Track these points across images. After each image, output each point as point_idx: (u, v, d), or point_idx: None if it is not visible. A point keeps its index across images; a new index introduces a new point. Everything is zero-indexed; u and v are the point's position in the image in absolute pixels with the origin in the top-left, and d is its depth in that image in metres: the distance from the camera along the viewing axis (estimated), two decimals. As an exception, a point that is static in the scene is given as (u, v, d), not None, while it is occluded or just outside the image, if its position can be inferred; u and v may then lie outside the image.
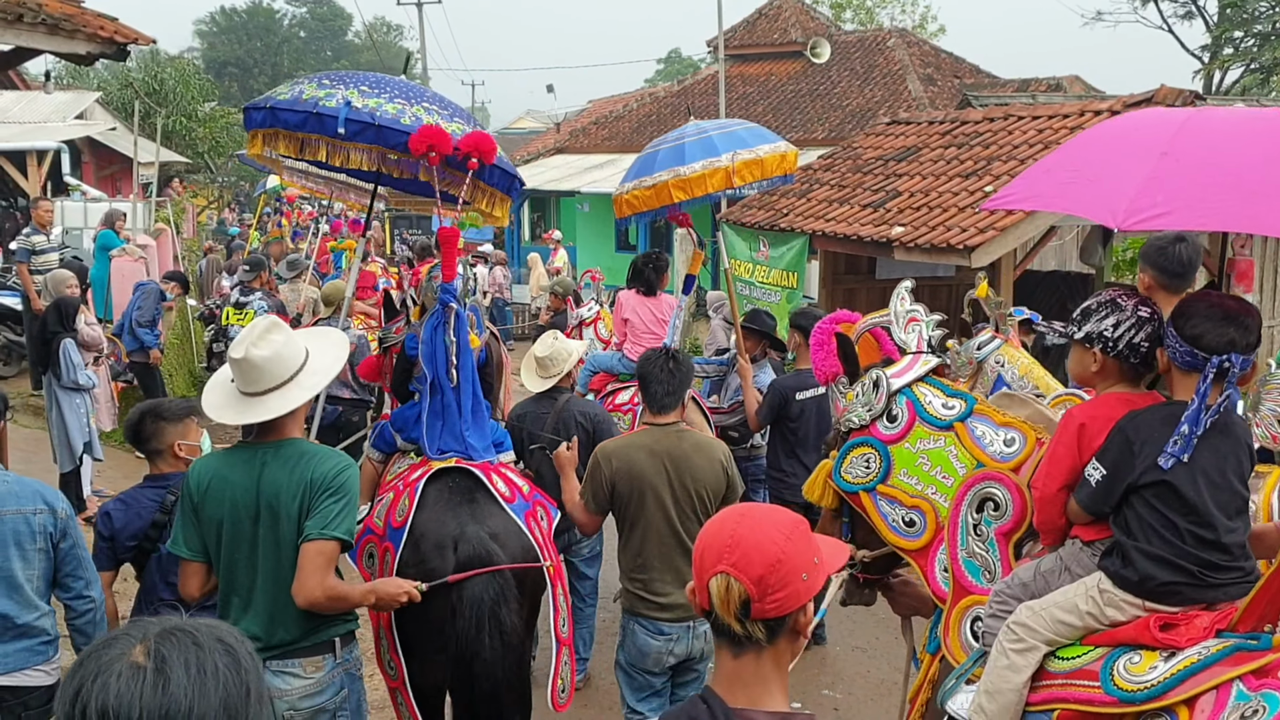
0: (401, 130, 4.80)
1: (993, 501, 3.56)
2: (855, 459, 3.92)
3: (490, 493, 4.53)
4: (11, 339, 12.78)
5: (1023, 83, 22.40)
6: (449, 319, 4.77)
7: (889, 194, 12.16)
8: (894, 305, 4.06)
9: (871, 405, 3.88)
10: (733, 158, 6.50)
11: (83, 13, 7.02)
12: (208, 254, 20.59)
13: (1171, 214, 2.81)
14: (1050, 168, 3.44)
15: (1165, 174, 2.86)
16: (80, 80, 32.05)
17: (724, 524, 1.94)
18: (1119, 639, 2.99)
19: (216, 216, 32.43)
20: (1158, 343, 3.12)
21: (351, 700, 3.71)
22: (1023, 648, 3.10)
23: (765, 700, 1.90)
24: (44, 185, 18.50)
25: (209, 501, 3.50)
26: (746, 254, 14.00)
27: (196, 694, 1.42)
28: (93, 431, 8.70)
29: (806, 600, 1.90)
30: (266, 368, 3.48)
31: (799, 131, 23.51)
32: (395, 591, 3.78)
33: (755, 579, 1.86)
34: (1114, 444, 3.06)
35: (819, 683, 6.55)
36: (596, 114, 35.04)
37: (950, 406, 3.77)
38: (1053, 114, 12.03)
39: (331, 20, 69.88)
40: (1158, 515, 2.96)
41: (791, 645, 1.93)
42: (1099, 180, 3.09)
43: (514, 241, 27.94)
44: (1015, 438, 3.62)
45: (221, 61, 62.18)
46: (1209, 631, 2.85)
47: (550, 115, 44.93)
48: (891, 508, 3.83)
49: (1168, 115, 3.20)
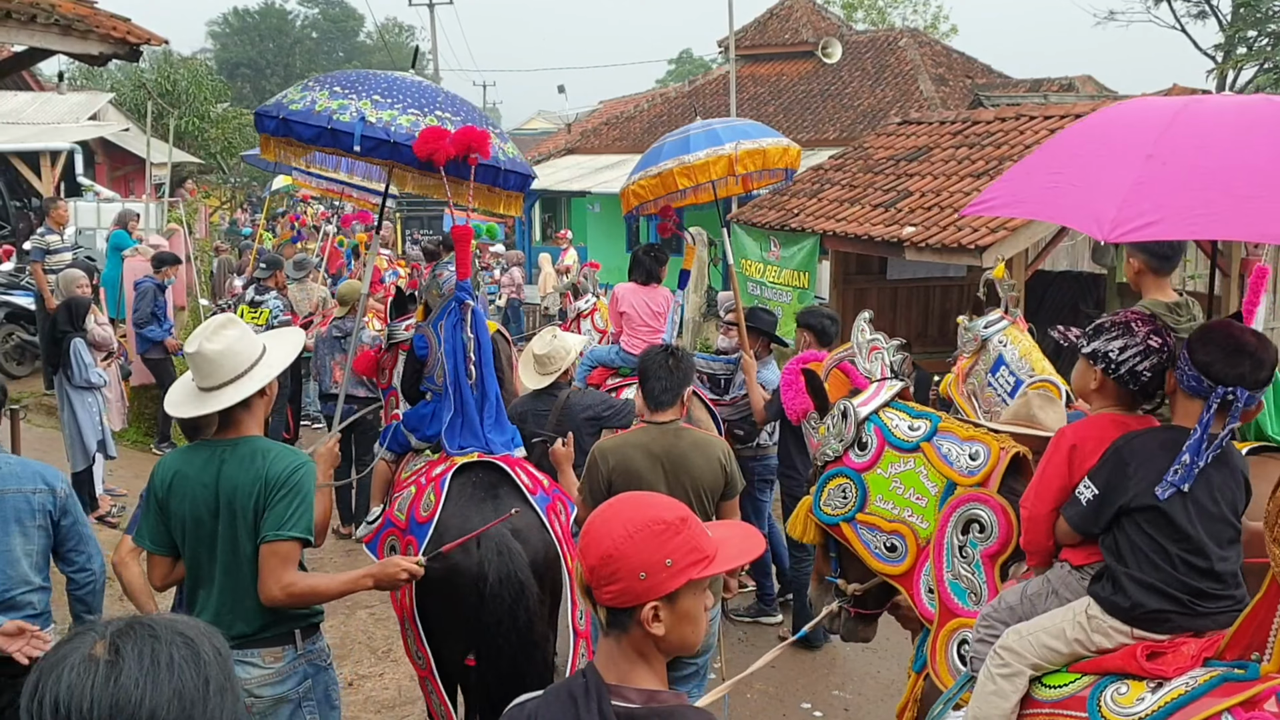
0: None
1: (978, 523, 3.56)
2: (832, 491, 3.96)
3: (515, 486, 4.56)
4: (25, 339, 12.84)
5: (1035, 83, 22.34)
6: (466, 316, 4.77)
7: (900, 194, 12.14)
8: (855, 336, 4.15)
9: (843, 435, 3.92)
10: (735, 146, 6.70)
11: (96, 14, 7.04)
12: (219, 254, 20.66)
13: (1160, 223, 2.72)
14: (1031, 170, 3.33)
15: (1151, 179, 2.76)
16: (93, 81, 32.18)
17: (598, 510, 2.03)
18: (1106, 667, 2.95)
19: (228, 217, 32.50)
20: (1161, 373, 3.09)
21: (318, 690, 3.74)
22: (1008, 672, 3.08)
23: (634, 679, 1.96)
24: (57, 186, 18.59)
25: (173, 497, 3.57)
26: (757, 254, 13.99)
27: (149, 685, 1.42)
28: (105, 430, 8.74)
29: (647, 599, 1.92)
30: (219, 361, 3.52)
31: (810, 132, 23.49)
32: (395, 572, 3.77)
33: (589, 568, 1.95)
34: (1108, 464, 3.03)
35: (829, 683, 6.54)
36: (608, 114, 35.06)
37: (915, 428, 3.81)
38: (1065, 114, 12.00)
39: (344, 21, 70.01)
40: (1149, 541, 2.93)
41: (651, 638, 1.95)
42: (1082, 186, 2.99)
43: (525, 242, 27.96)
44: (979, 450, 3.64)
45: (234, 62, 62.33)
46: (1196, 660, 2.82)
47: (561, 116, 44.93)
48: (873, 535, 3.84)
49: (1152, 111, 3.07)
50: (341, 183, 8.57)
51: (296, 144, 5.06)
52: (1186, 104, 2.98)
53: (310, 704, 3.70)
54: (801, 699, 6.33)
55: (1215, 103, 3.02)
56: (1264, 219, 2.63)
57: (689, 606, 1.97)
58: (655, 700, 1.93)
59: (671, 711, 1.94)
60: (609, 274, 19.09)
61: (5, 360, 12.68)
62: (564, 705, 1.94)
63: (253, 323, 9.93)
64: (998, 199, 3.36)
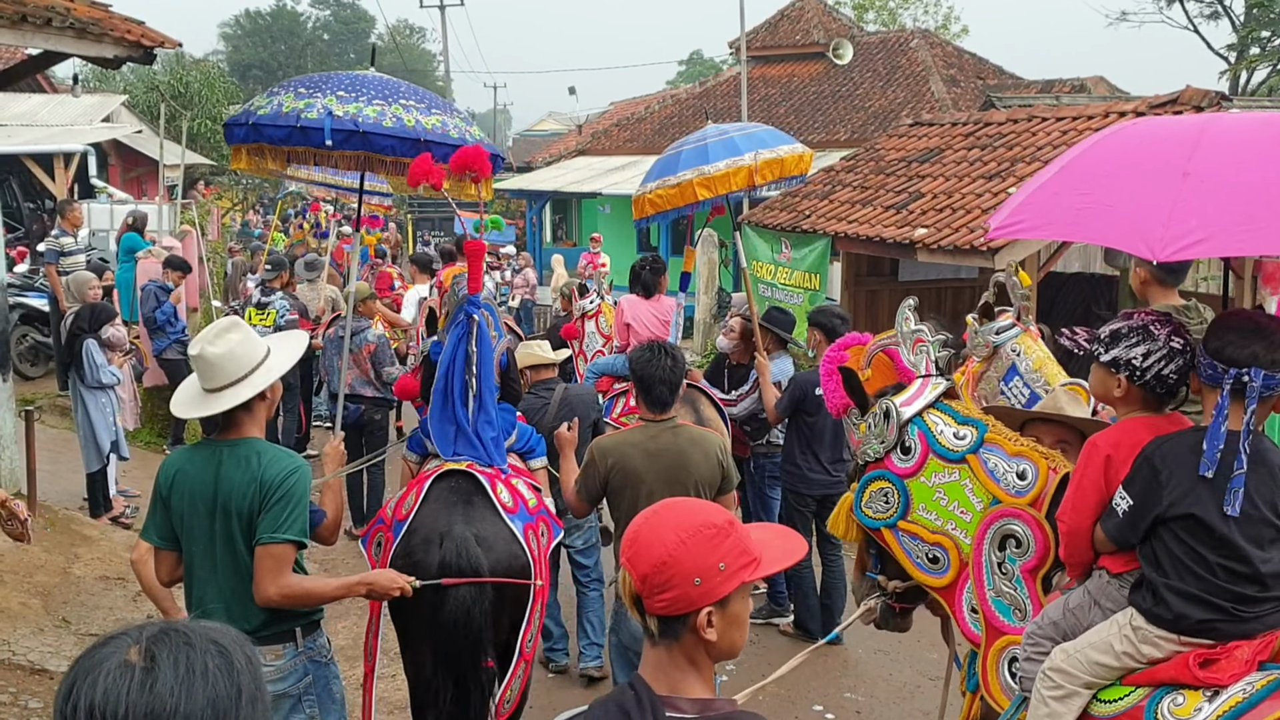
0: (385, 133, 4.95)
1: (1014, 539, 3.50)
2: (874, 493, 3.87)
3: (489, 498, 4.61)
4: (39, 340, 12.89)
5: (1047, 84, 22.29)
6: (472, 330, 4.84)
7: (912, 195, 12.12)
8: (899, 325, 4.03)
9: (884, 437, 3.82)
10: (755, 156, 6.71)
11: (110, 16, 7.07)
12: (233, 256, 20.71)
13: (1211, 239, 2.69)
14: (1058, 191, 3.22)
15: (1193, 196, 2.72)
16: (107, 83, 32.28)
17: (640, 517, 1.99)
18: (1159, 679, 2.91)
19: (240, 219, 32.60)
20: (1186, 374, 3.05)
21: (319, 685, 3.80)
22: (1062, 694, 3.01)
23: (685, 688, 1.92)
24: (71, 187, 18.66)
25: (174, 494, 3.64)
26: (768, 255, 13.99)
27: (184, 693, 1.42)
28: (119, 431, 8.77)
29: (702, 605, 1.89)
30: (221, 364, 3.58)
31: (821, 133, 23.45)
32: (388, 584, 3.90)
33: (640, 576, 1.90)
34: (1140, 474, 2.98)
35: (841, 685, 6.53)
36: (618, 116, 35.05)
37: (962, 436, 3.70)
38: (1077, 115, 11.97)
39: (355, 23, 70.14)
40: (1187, 550, 2.87)
41: (705, 644, 1.93)
42: (1120, 206, 2.92)
43: (535, 244, 27.98)
44: (1027, 469, 3.54)
45: (246, 64, 62.50)
46: (1251, 665, 2.78)
47: (572, 117, 44.97)
48: (914, 544, 3.77)
49: (1174, 129, 3.06)
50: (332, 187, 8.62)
51: (268, 149, 5.15)
52: (1208, 122, 2.96)
53: (310, 699, 3.77)
54: (814, 701, 6.32)
55: (1234, 120, 2.99)
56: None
57: (739, 610, 1.95)
58: (710, 709, 1.90)
59: (729, 717, 1.90)
60: (620, 276, 19.07)
61: (20, 361, 12.72)
62: (615, 719, 1.89)
63: (260, 324, 9.98)
64: (1024, 221, 3.27)
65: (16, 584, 6.65)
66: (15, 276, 13.32)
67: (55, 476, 8.88)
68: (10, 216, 17.84)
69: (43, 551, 7.11)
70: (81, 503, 8.85)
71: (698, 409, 6.65)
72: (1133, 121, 3.34)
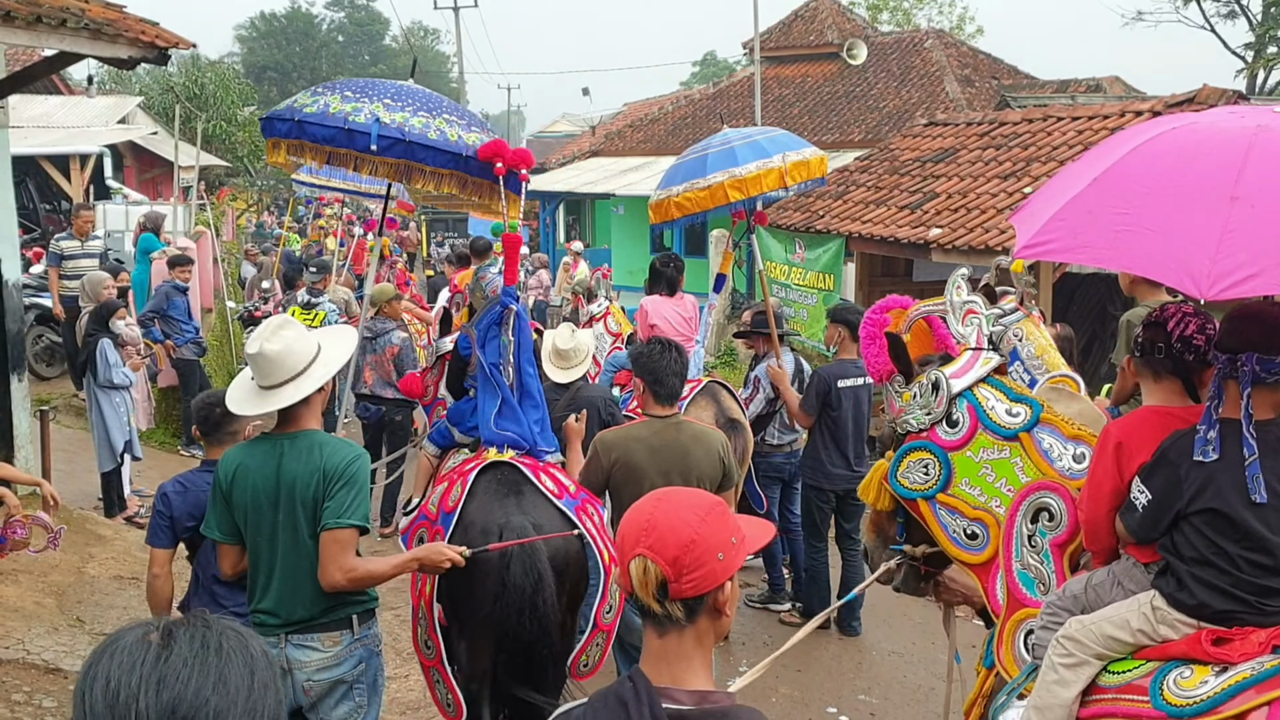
0: (429, 145, 5.08)
1: (1047, 512, 3.46)
2: (913, 464, 3.78)
3: (536, 487, 4.66)
4: (54, 340, 12.95)
5: (1062, 83, 22.20)
6: (508, 320, 4.91)
7: (926, 195, 12.09)
8: (950, 295, 3.91)
9: (931, 409, 3.74)
10: (784, 159, 6.79)
11: (125, 18, 7.09)
12: (249, 258, 20.76)
13: (1261, 275, 2.52)
14: (1094, 209, 2.96)
15: (1241, 224, 2.56)
16: (122, 85, 32.44)
17: (643, 508, 2.01)
18: (1170, 654, 2.91)
19: (255, 220, 32.71)
20: (1188, 345, 3.07)
21: (368, 675, 3.89)
22: (1072, 662, 3.02)
23: (687, 678, 1.96)
24: (86, 189, 18.76)
25: (236, 489, 3.74)
26: (782, 256, 13.96)
27: (197, 665, 1.44)
28: (132, 431, 8.79)
29: (724, 579, 1.96)
30: (279, 361, 3.69)
31: (835, 133, 23.41)
32: (438, 558, 3.96)
33: (670, 560, 1.92)
34: (1159, 471, 2.97)
35: (855, 687, 6.51)
36: (632, 117, 35.06)
37: (1015, 414, 3.61)
38: (1092, 115, 11.92)
39: (369, 25, 70.36)
40: (1208, 543, 2.86)
41: (714, 624, 2.00)
42: (1162, 233, 2.73)
43: (549, 245, 28.00)
44: (1085, 453, 3.46)
45: (261, 66, 62.76)
46: (1264, 647, 2.76)
47: (586, 118, 44.99)
48: (952, 518, 3.69)
49: (1220, 139, 2.84)
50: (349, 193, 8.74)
51: (309, 146, 5.24)
52: (1258, 132, 2.77)
53: (360, 687, 3.87)
54: (828, 703, 6.30)
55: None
56: None
57: (735, 584, 2.02)
58: (707, 701, 1.94)
59: (725, 712, 1.93)
60: (634, 277, 19.09)
61: (35, 361, 12.77)
62: (613, 711, 1.92)
63: (307, 325, 10.03)
64: (1056, 241, 3.03)
65: (31, 583, 6.68)
66: (31, 277, 13.38)
67: (70, 476, 8.91)
68: (26, 218, 17.93)
69: (57, 551, 7.13)
70: (96, 502, 8.88)
71: (719, 400, 6.78)
72: (1172, 123, 3.13)
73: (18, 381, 8.05)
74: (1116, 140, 3.22)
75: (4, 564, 5.93)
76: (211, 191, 25.19)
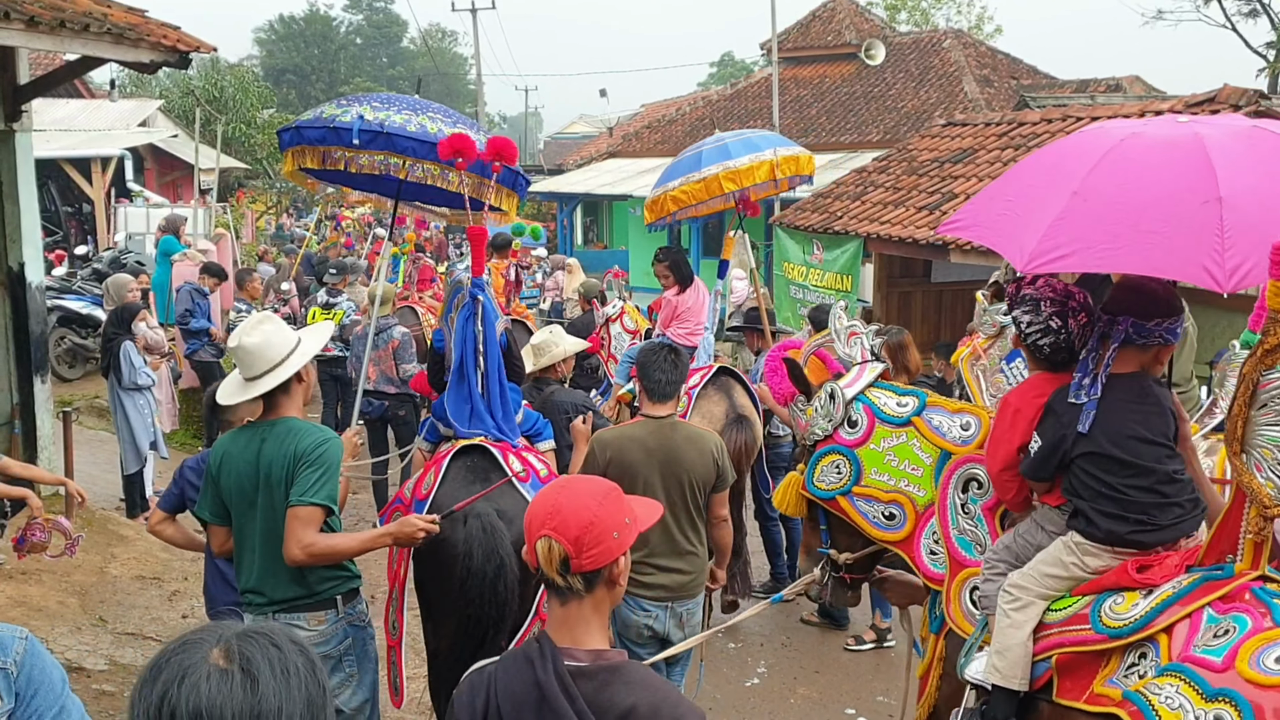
0: (408, 136, 5.44)
1: (976, 481, 3.88)
2: (825, 467, 4.20)
3: (504, 472, 4.80)
4: (77, 342, 13.05)
5: (1081, 83, 22.08)
6: (478, 311, 5.07)
7: (945, 196, 12.06)
8: (833, 323, 4.44)
9: (831, 415, 4.18)
10: (775, 152, 7.42)
11: (146, 22, 7.15)
12: (264, 259, 20.87)
13: (1071, 256, 3.03)
14: (994, 195, 3.61)
15: (1072, 213, 3.06)
16: (143, 88, 32.65)
17: (548, 495, 2.32)
18: (1104, 585, 3.29)
19: (274, 222, 32.84)
20: (1067, 348, 3.46)
21: (358, 647, 4.08)
22: (1020, 605, 3.39)
23: (586, 640, 2.27)
24: (108, 191, 18.90)
25: (223, 473, 3.96)
26: (800, 257, 13.95)
27: (283, 693, 1.49)
28: (157, 431, 8.86)
29: (619, 554, 2.27)
30: (258, 353, 3.90)
31: (853, 134, 23.35)
32: (411, 531, 4.12)
33: (572, 539, 2.22)
34: (1047, 420, 3.43)
35: (873, 688, 6.50)
36: (649, 118, 35.09)
37: (904, 404, 4.10)
38: (1112, 115, 11.86)
39: (387, 27, 70.63)
40: (1095, 479, 3.31)
41: (609, 593, 2.30)
42: (1022, 215, 3.26)
43: (567, 246, 28.05)
44: (970, 421, 3.97)
45: (280, 69, 63.02)
46: (1180, 568, 3.18)
47: (603, 120, 45.05)
48: (870, 506, 4.10)
49: (1096, 143, 3.30)
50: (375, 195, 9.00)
51: (308, 149, 5.67)
52: (1124, 139, 3.23)
53: (350, 658, 4.06)
54: (846, 705, 6.29)
55: (1150, 138, 3.23)
56: (1158, 253, 2.92)
57: (628, 558, 2.32)
58: (602, 658, 2.23)
59: (617, 666, 2.22)
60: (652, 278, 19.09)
61: (58, 364, 12.89)
62: (521, 667, 2.23)
63: None
64: (962, 220, 3.67)
65: (54, 583, 6.74)
66: (53, 279, 13.50)
67: (92, 477, 8.98)
68: (48, 220, 18.07)
69: (80, 551, 7.19)
70: (118, 503, 8.95)
71: (731, 395, 6.87)
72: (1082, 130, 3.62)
73: (41, 383, 8.13)
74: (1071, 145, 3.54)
75: (27, 564, 5.98)
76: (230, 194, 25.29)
